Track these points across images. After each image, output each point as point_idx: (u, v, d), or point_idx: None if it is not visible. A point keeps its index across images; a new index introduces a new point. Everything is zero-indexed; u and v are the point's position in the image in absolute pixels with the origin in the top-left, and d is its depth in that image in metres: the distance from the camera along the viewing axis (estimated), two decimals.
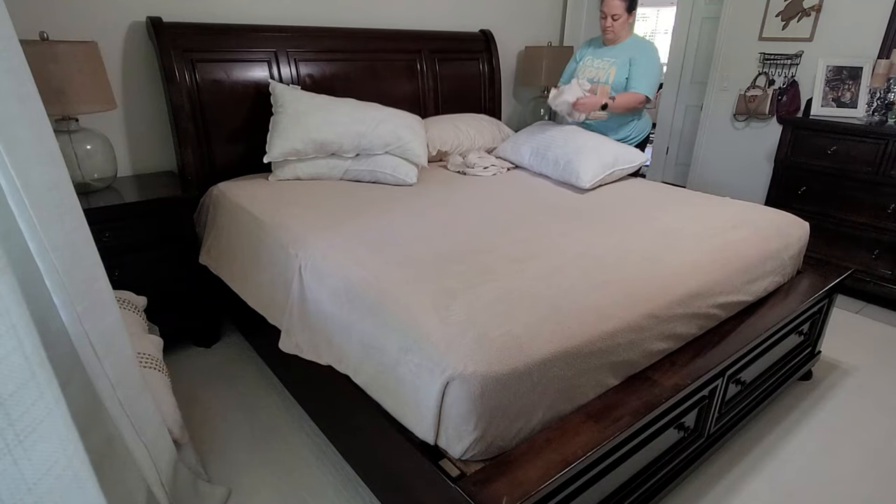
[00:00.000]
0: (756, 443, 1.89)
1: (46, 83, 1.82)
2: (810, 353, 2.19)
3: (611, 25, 2.69)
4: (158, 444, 1.26)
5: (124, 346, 1.11)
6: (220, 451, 1.80)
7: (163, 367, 1.58)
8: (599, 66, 2.82)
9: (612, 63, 2.76)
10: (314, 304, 1.60)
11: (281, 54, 2.55)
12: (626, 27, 2.72)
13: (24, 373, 0.64)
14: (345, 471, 1.72)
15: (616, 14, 2.65)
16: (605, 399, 1.34)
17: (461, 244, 1.69)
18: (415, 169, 2.42)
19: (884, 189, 2.84)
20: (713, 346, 1.59)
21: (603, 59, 2.81)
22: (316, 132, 2.29)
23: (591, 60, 2.86)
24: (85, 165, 2.06)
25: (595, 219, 2.00)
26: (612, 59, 2.76)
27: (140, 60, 2.33)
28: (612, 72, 2.74)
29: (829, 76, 3.22)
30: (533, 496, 1.05)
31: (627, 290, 1.46)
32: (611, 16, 2.67)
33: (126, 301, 1.77)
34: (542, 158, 2.62)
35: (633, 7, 2.68)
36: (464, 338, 1.18)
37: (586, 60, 2.89)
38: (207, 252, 2.25)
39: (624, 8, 2.64)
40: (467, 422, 1.13)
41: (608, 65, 2.77)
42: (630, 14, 2.68)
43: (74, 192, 0.99)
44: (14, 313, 0.63)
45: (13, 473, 0.62)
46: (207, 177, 2.42)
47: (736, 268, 1.74)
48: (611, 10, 2.66)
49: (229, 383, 2.15)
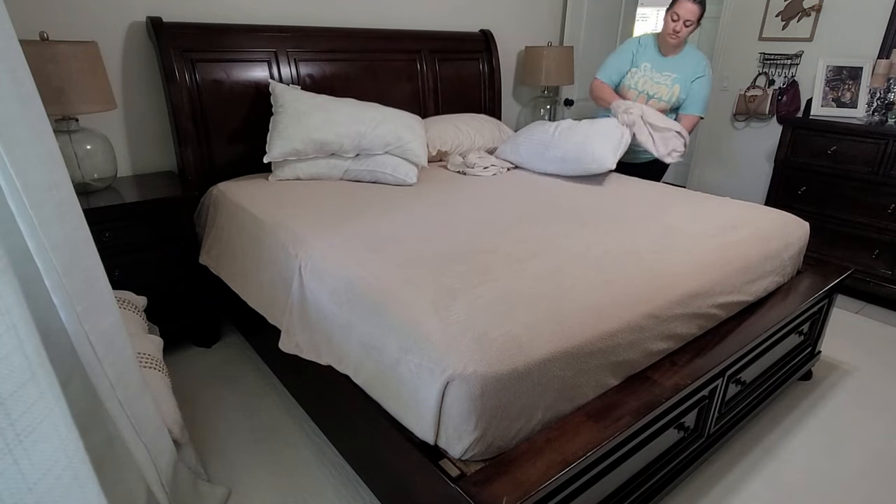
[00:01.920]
0: (756, 443, 1.89)
1: (46, 83, 1.82)
2: (810, 353, 2.19)
3: (680, 30, 2.48)
4: (158, 444, 1.26)
5: (124, 347, 1.11)
6: (220, 451, 1.80)
7: (163, 367, 1.58)
8: (660, 82, 2.61)
9: (674, 80, 2.57)
10: (314, 304, 1.60)
11: (281, 54, 2.55)
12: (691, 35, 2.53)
13: (25, 373, 0.64)
14: (345, 471, 1.72)
15: (689, 20, 2.44)
16: (605, 399, 1.34)
17: (461, 244, 1.69)
18: (415, 169, 2.42)
19: (884, 189, 2.84)
20: (713, 346, 1.60)
21: (663, 74, 2.61)
22: (316, 132, 2.29)
23: (650, 71, 2.64)
24: (85, 165, 2.06)
25: (595, 219, 2.00)
26: (674, 76, 2.57)
27: (140, 60, 2.33)
28: (675, 90, 2.56)
29: (829, 76, 3.22)
30: (533, 496, 1.05)
31: (627, 290, 1.46)
32: (683, 20, 2.44)
33: (126, 301, 1.77)
34: (542, 157, 2.60)
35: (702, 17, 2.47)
36: (464, 338, 1.18)
37: (644, 68, 2.66)
38: (207, 252, 2.25)
39: (698, 15, 2.43)
40: (467, 422, 1.14)
41: (671, 81, 2.58)
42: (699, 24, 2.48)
43: (74, 192, 0.98)
44: (15, 313, 0.63)
45: (13, 473, 0.62)
46: (207, 177, 2.42)
47: (736, 268, 1.74)
48: (685, 15, 2.43)
49: (229, 383, 2.15)
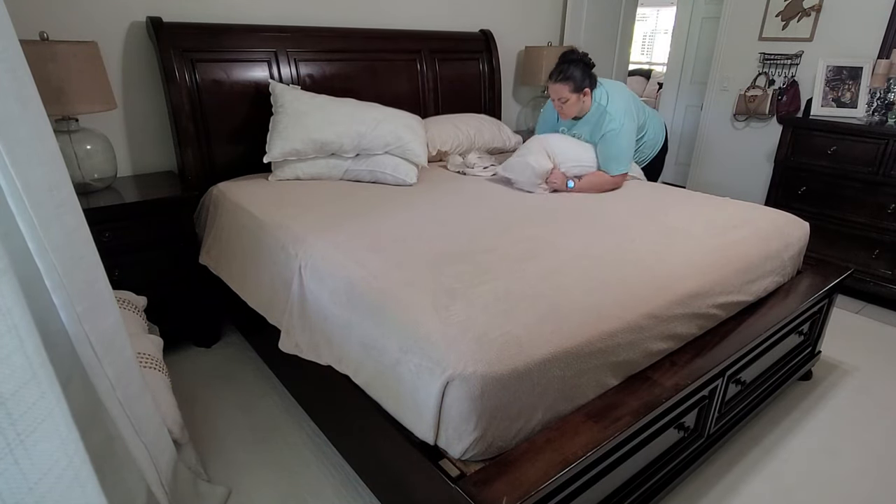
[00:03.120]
0: (756, 443, 1.89)
1: (46, 83, 1.82)
2: (810, 353, 2.19)
3: (560, 109, 2.43)
4: (158, 444, 1.26)
5: (124, 347, 1.11)
6: (220, 451, 1.80)
7: (163, 367, 1.58)
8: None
9: (584, 139, 2.51)
10: (314, 304, 1.60)
11: (281, 54, 2.55)
12: (581, 103, 2.41)
13: (26, 373, 0.64)
14: (345, 471, 1.72)
15: (562, 97, 2.36)
16: (605, 399, 1.34)
17: (461, 244, 1.69)
18: (415, 169, 2.42)
19: (884, 189, 2.84)
20: (713, 346, 1.60)
21: (574, 135, 2.56)
22: (316, 132, 2.29)
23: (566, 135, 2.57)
24: (85, 165, 2.06)
25: (595, 219, 2.00)
26: (583, 137, 2.51)
27: (140, 60, 2.33)
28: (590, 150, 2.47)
29: (829, 76, 3.22)
30: (533, 496, 1.05)
31: (627, 290, 1.46)
32: (558, 98, 2.38)
33: (126, 301, 1.77)
34: None
35: (583, 85, 2.35)
36: (464, 338, 1.18)
37: (562, 132, 2.60)
38: (207, 252, 2.25)
39: (569, 90, 2.34)
40: (467, 422, 1.14)
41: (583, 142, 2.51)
42: (582, 92, 2.36)
43: (74, 192, 0.98)
44: (15, 313, 0.64)
45: (14, 473, 0.62)
46: (207, 177, 2.42)
47: (736, 268, 1.74)
48: (556, 95, 2.38)
49: (229, 383, 2.15)
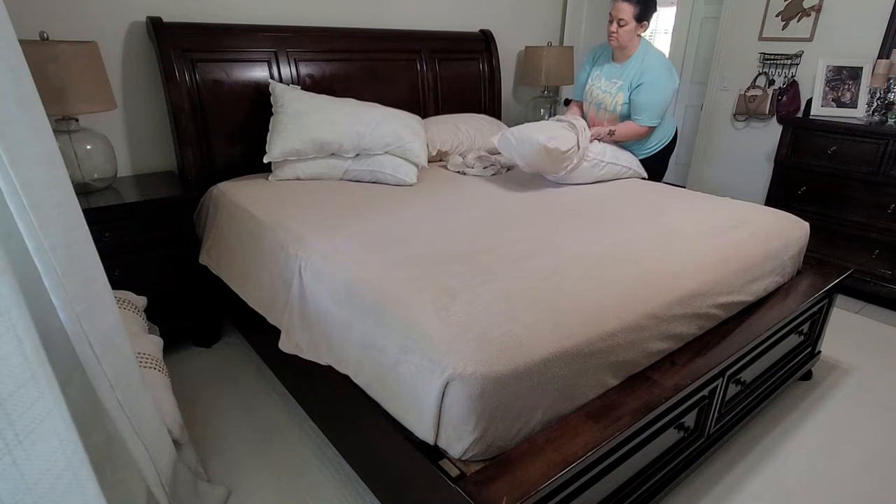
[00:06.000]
0: (756, 443, 1.89)
1: (46, 83, 1.82)
2: (810, 353, 2.19)
3: (615, 31, 2.41)
4: (158, 445, 1.26)
5: (124, 347, 1.11)
6: (220, 451, 1.80)
7: (163, 367, 1.58)
8: (607, 91, 2.55)
9: (619, 87, 2.48)
10: (314, 304, 1.60)
11: (281, 54, 2.55)
12: (634, 37, 2.43)
13: (24, 373, 0.64)
14: (345, 471, 1.72)
15: (622, 19, 2.35)
16: (605, 399, 1.34)
17: (461, 244, 1.69)
18: (415, 169, 2.42)
19: (884, 189, 2.84)
20: (713, 346, 1.59)
21: (612, 81, 2.54)
22: (316, 132, 2.29)
23: (598, 80, 2.58)
24: (85, 165, 2.06)
25: (595, 219, 2.00)
26: (620, 83, 2.49)
27: (140, 60, 2.33)
28: (618, 98, 2.48)
29: (829, 76, 3.22)
30: (533, 496, 1.04)
31: (627, 290, 1.46)
32: (617, 19, 2.37)
33: (126, 301, 1.77)
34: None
35: (645, 17, 2.37)
36: (464, 338, 1.18)
37: (593, 78, 2.61)
38: (207, 252, 2.25)
39: (632, 14, 2.34)
40: (467, 422, 1.13)
41: (615, 89, 2.50)
42: (640, 24, 2.38)
43: (74, 193, 0.98)
44: (14, 313, 0.63)
45: (13, 473, 0.62)
46: (207, 177, 2.42)
47: (736, 268, 1.74)
48: (617, 14, 2.37)
49: (229, 383, 2.15)
